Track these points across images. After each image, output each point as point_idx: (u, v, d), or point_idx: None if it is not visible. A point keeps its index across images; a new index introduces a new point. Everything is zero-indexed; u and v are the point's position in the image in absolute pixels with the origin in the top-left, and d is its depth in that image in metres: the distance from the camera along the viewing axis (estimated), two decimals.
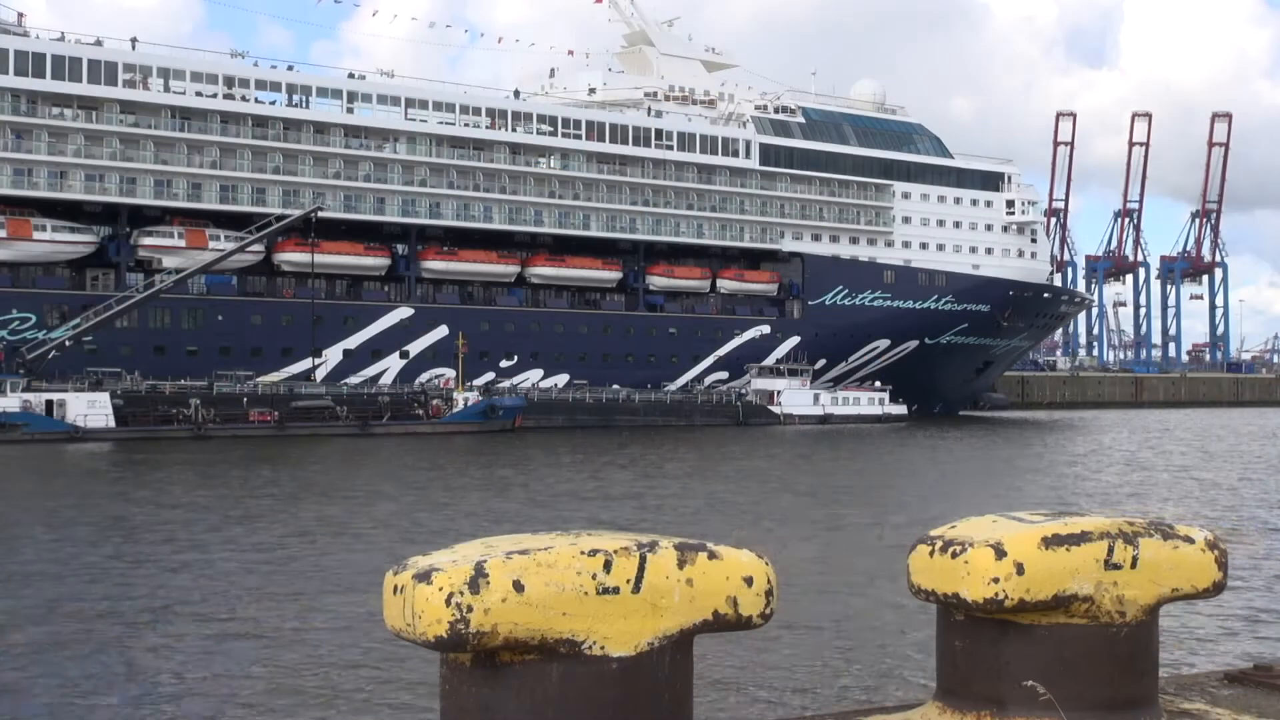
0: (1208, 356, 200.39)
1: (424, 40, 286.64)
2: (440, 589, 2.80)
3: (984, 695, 3.46)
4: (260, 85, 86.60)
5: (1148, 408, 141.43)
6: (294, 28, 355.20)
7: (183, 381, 75.67)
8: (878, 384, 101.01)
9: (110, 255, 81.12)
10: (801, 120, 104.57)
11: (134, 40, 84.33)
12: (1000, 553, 3.33)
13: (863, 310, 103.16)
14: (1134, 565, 3.43)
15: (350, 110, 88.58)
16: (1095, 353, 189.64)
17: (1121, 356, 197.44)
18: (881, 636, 18.98)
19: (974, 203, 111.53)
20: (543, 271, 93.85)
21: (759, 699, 15.39)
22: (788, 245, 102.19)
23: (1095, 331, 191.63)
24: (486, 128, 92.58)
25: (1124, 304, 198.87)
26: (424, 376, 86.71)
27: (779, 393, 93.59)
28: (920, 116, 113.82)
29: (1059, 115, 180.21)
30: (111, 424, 67.87)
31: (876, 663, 17.50)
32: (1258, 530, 32.75)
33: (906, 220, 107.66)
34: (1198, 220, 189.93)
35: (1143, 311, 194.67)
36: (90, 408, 67.89)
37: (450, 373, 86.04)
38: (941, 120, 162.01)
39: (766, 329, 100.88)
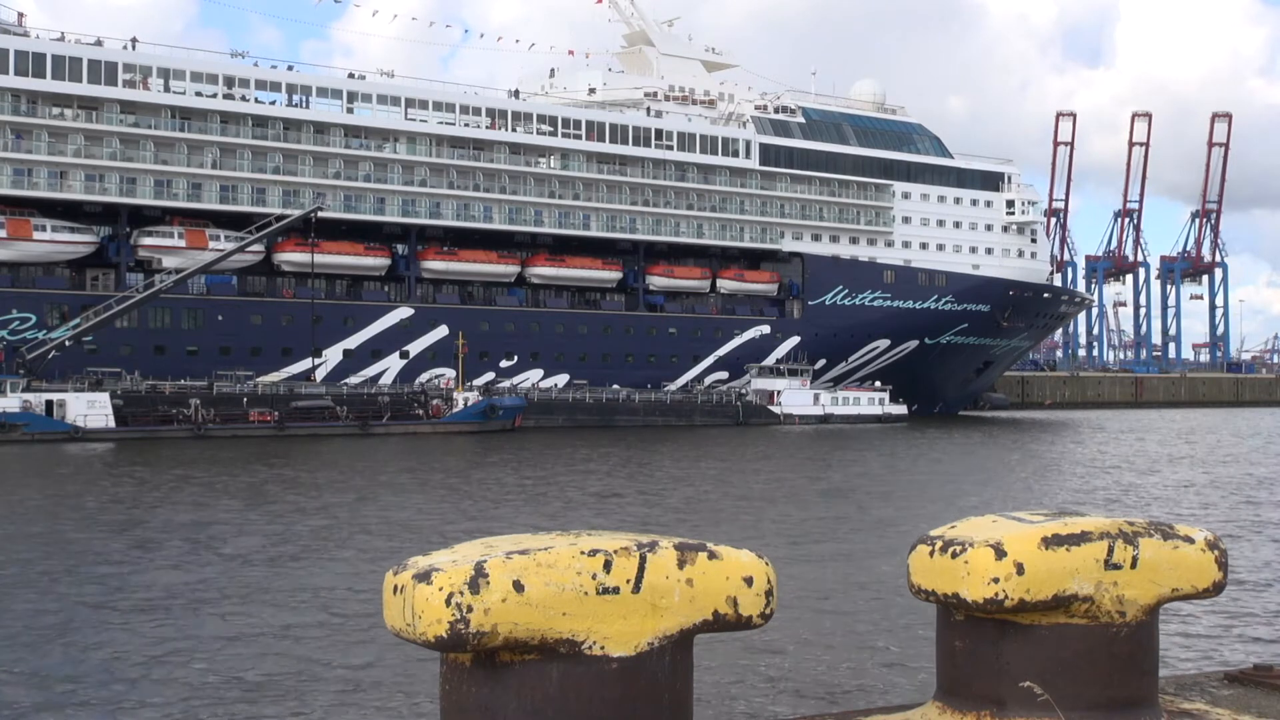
0: (1206, 356, 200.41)
1: (417, 39, 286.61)
2: (440, 589, 2.79)
3: (984, 695, 3.46)
4: (260, 85, 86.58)
5: (1148, 408, 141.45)
6: (286, 26, 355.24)
7: (183, 381, 75.75)
8: (878, 384, 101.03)
9: (110, 255, 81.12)
10: (801, 120, 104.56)
11: (134, 40, 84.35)
12: (1000, 553, 3.33)
13: (863, 310, 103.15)
14: (1134, 565, 3.42)
15: (350, 110, 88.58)
16: (1095, 352, 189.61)
17: (1121, 356, 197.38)
18: (881, 636, 18.98)
19: (974, 203, 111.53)
20: (543, 271, 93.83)
21: (759, 699, 15.38)
22: (788, 245, 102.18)
23: (1095, 331, 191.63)
24: (486, 128, 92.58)
25: (1124, 304, 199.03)
26: (424, 376, 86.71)
27: (779, 393, 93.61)
28: (917, 116, 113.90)
29: (1059, 115, 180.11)
30: (111, 424, 67.88)
31: (876, 663, 17.50)
32: (1258, 530, 32.74)
33: (906, 220, 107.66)
34: (1197, 220, 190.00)
35: (1142, 311, 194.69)
36: (90, 408, 67.89)
37: (450, 373, 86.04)
38: (937, 119, 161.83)
39: (766, 329, 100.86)
